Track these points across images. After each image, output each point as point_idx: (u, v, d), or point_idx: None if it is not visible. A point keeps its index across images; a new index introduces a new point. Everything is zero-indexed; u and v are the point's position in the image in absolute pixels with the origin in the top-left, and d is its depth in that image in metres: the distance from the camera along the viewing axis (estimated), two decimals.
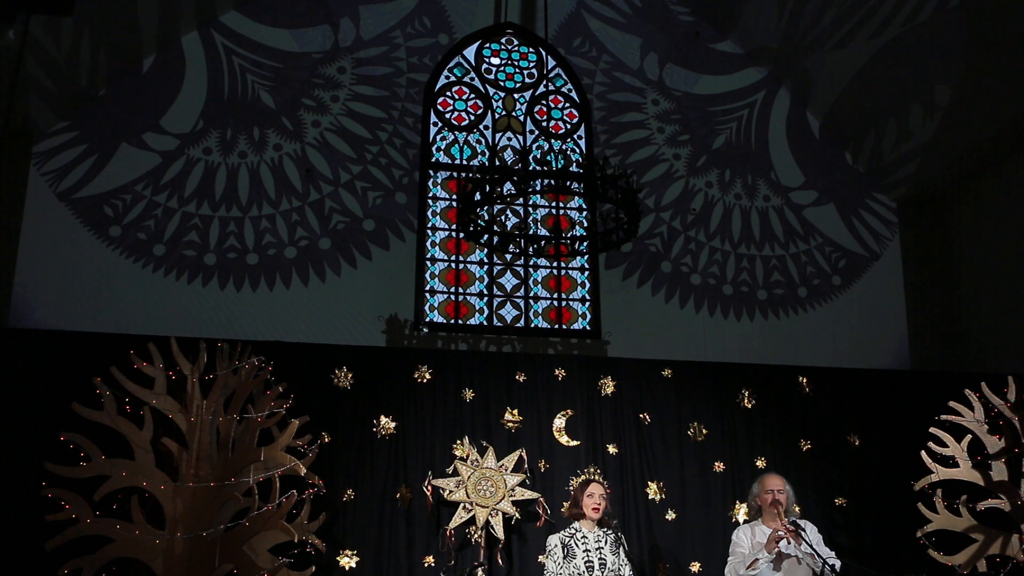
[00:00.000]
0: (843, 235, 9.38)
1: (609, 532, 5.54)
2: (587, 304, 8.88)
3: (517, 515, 6.32)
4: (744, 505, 6.60)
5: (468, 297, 8.72)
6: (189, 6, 8.42)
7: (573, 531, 5.57)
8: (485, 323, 8.64)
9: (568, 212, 9.12)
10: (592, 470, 6.18)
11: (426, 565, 6.24)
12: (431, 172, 9.05)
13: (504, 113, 9.38)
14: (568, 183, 6.11)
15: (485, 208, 6.49)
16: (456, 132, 9.25)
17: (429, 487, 6.29)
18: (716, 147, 9.46)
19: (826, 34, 8.84)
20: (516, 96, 9.47)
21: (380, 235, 8.62)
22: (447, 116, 9.27)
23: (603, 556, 5.45)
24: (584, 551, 5.46)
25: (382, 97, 9.03)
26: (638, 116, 9.47)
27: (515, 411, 6.71)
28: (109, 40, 7.98)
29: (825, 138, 9.61)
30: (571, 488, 5.96)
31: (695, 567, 6.61)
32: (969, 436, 6.60)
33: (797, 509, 6.04)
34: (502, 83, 9.49)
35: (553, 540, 5.56)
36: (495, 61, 9.57)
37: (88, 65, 7.97)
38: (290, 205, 8.55)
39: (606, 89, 9.51)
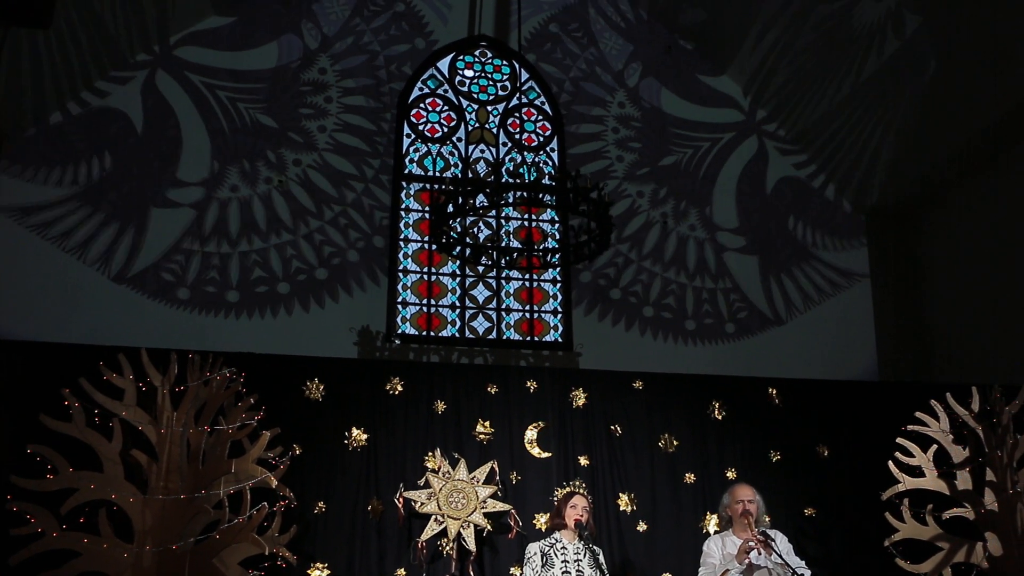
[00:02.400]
0: (755, 290, 9.25)
1: (586, 546, 5.57)
2: (559, 316, 8.91)
3: (489, 527, 6.31)
4: (715, 516, 6.64)
5: (440, 309, 8.73)
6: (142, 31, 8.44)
7: (553, 541, 5.60)
8: (457, 335, 8.65)
9: (540, 224, 9.16)
10: (577, 483, 6.20)
11: None
12: (404, 184, 9.06)
13: (477, 125, 9.41)
14: (540, 195, 6.14)
15: (457, 220, 6.51)
16: (429, 144, 9.27)
17: (400, 499, 6.26)
18: (663, 164, 9.48)
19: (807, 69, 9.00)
20: (489, 108, 9.51)
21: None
22: (420, 128, 9.29)
23: (581, 568, 5.47)
24: (563, 561, 5.49)
25: (369, 85, 9.15)
26: (599, 111, 9.55)
27: (487, 423, 6.71)
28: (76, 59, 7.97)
29: (777, 196, 9.59)
30: (554, 499, 5.98)
31: None
32: (935, 446, 6.68)
33: (767, 519, 6.08)
34: (475, 95, 9.53)
35: (533, 548, 5.60)
36: (469, 73, 9.61)
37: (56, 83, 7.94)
38: (333, 212, 8.72)
39: (581, 76, 9.62)
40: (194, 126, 8.63)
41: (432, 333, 8.62)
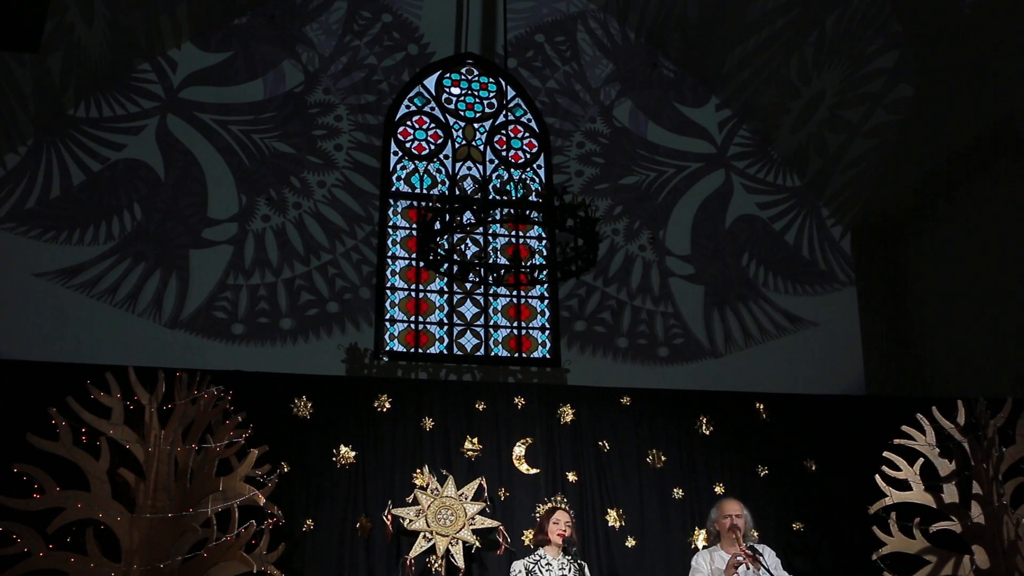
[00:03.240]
0: (696, 320, 9.17)
1: (572, 560, 5.59)
2: (547, 332, 8.92)
3: (477, 544, 6.30)
4: (703, 531, 6.65)
5: (428, 326, 8.74)
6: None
7: (537, 558, 5.60)
8: (445, 352, 8.66)
9: (528, 241, 9.19)
10: (559, 498, 6.20)
11: None
12: (391, 201, 9.08)
13: (464, 143, 9.45)
14: (527, 212, 6.18)
15: (445, 237, 6.53)
16: (416, 161, 9.30)
17: (389, 516, 6.25)
18: (622, 182, 9.49)
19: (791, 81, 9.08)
20: (476, 126, 9.55)
21: None
22: (407, 145, 9.33)
23: None
24: None
25: (373, 103, 9.27)
26: (568, 126, 9.59)
27: (475, 439, 6.71)
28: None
29: (733, 232, 9.55)
30: (536, 515, 5.97)
31: None
32: (921, 460, 6.71)
33: (755, 534, 6.10)
34: (462, 113, 9.57)
35: (517, 566, 5.60)
36: (455, 91, 9.65)
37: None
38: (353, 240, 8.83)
39: (557, 88, 9.67)
40: (215, 163, 8.70)
41: (420, 350, 8.63)
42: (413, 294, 8.82)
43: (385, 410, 6.64)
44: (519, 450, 6.76)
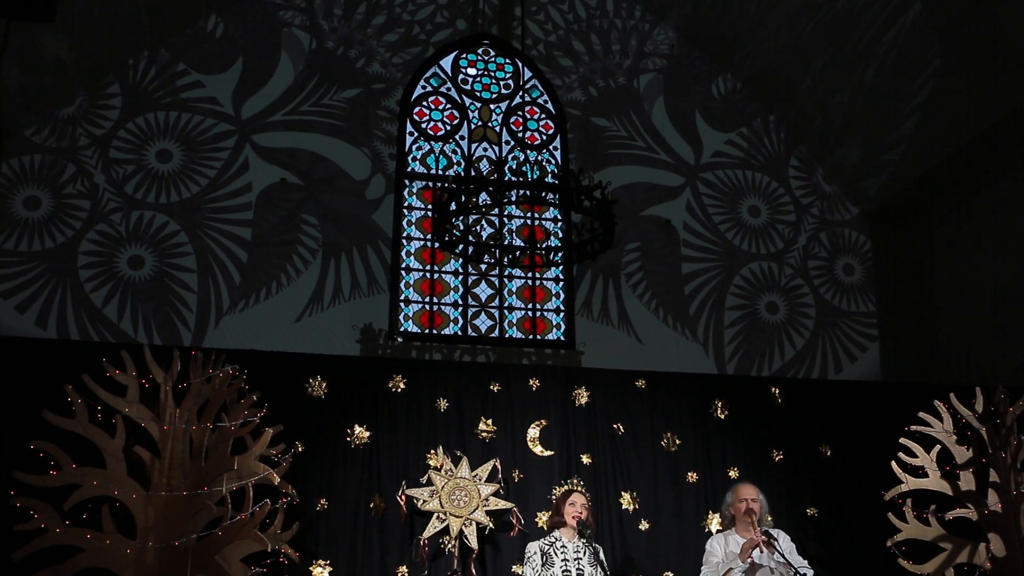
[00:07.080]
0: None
1: (587, 544, 5.58)
2: (561, 315, 8.90)
3: (491, 525, 6.31)
4: (717, 515, 6.64)
5: (443, 307, 8.72)
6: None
7: (553, 539, 5.61)
8: (459, 333, 8.64)
9: (543, 223, 9.15)
10: (575, 481, 6.20)
11: (399, 575, 6.23)
12: (406, 182, 9.05)
13: (480, 124, 9.40)
14: (543, 194, 6.14)
15: (460, 218, 6.51)
16: (432, 142, 9.26)
17: (403, 497, 6.27)
18: (593, 119, 9.43)
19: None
20: (492, 107, 9.50)
21: None
22: (423, 126, 9.29)
23: (581, 567, 5.48)
24: (563, 560, 5.49)
25: (399, 37, 9.48)
26: (586, 57, 9.66)
27: (489, 421, 6.71)
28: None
29: (645, 223, 9.27)
30: (553, 497, 5.97)
31: None
32: (938, 447, 6.67)
33: (770, 519, 6.08)
34: (478, 94, 9.52)
35: (532, 547, 5.61)
36: (472, 72, 9.60)
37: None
38: None
39: (604, 30, 9.75)
40: (321, 142, 8.86)
41: (435, 331, 8.62)
42: (428, 275, 8.81)
43: (399, 390, 6.65)
44: (533, 432, 6.76)
